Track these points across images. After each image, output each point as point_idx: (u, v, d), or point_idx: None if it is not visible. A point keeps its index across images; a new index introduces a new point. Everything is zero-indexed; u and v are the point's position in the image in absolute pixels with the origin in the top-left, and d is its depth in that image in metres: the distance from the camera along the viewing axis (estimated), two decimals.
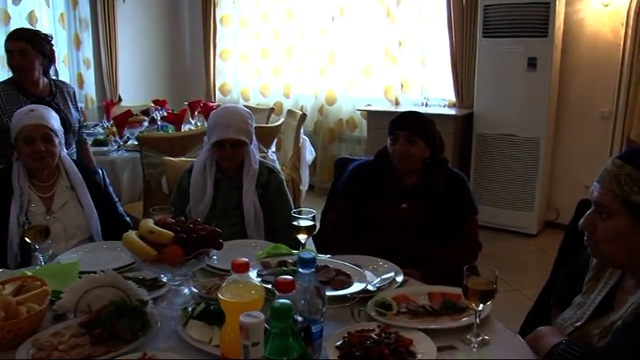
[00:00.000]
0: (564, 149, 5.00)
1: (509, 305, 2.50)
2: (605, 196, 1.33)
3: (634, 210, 1.29)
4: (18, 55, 3.05)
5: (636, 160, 1.31)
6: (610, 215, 1.33)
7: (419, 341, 1.44)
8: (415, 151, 2.31)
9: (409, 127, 2.31)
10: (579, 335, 1.43)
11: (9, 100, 3.04)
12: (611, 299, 1.46)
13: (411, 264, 2.07)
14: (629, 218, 1.30)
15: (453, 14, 5.10)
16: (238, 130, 2.38)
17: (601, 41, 4.66)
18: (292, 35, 6.20)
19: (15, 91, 3.08)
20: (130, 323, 1.48)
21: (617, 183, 1.30)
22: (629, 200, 1.29)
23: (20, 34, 3.16)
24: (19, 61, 3.06)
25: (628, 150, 1.41)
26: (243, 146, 2.43)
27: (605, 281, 1.50)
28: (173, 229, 1.65)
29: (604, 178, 1.35)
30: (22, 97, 3.07)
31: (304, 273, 1.22)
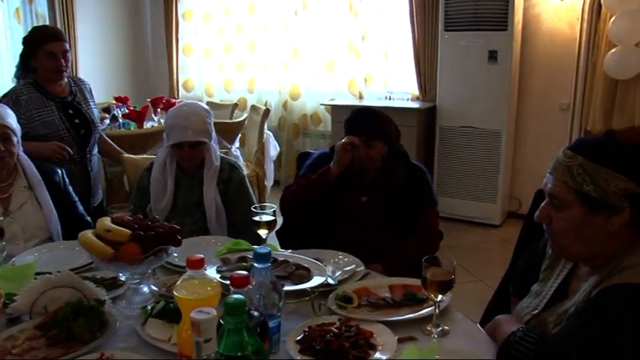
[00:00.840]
0: (525, 141, 5.09)
1: (474, 295, 2.54)
2: (559, 187, 1.35)
3: (587, 200, 1.31)
4: (61, 57, 2.82)
5: (587, 151, 1.33)
6: (564, 206, 1.34)
7: (379, 333, 1.45)
8: (374, 153, 2.31)
9: (367, 133, 2.29)
10: (536, 323, 1.46)
11: (34, 104, 2.81)
12: (566, 287, 1.49)
13: (374, 257, 2.08)
14: (583, 208, 1.32)
15: (414, 8, 5.13)
16: (197, 132, 2.35)
17: (558, 35, 4.76)
18: (255, 30, 6.15)
19: (38, 93, 2.84)
20: (87, 323, 1.45)
21: (570, 174, 1.32)
22: (581, 191, 1.31)
23: (59, 34, 2.92)
24: (61, 63, 2.82)
25: (578, 141, 1.42)
26: (203, 146, 2.40)
27: (561, 269, 1.53)
28: (130, 226, 1.63)
29: (556, 170, 1.36)
30: (45, 99, 2.85)
31: (260, 267, 1.21)
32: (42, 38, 2.82)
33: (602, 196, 1.29)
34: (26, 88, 2.84)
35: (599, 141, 1.43)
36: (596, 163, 1.30)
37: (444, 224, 2.48)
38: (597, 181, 1.29)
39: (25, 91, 2.82)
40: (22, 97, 2.80)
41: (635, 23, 4.09)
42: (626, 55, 4.18)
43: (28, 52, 2.85)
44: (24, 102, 2.79)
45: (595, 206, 1.30)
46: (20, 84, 2.90)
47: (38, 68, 2.85)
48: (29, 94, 2.82)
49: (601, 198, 1.29)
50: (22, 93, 2.82)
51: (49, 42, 2.79)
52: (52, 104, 2.85)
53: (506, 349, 1.34)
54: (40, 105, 2.83)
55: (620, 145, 1.36)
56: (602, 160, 1.30)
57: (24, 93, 2.82)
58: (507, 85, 4.66)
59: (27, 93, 2.82)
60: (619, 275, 1.27)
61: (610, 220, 1.30)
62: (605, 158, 1.30)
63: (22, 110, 2.74)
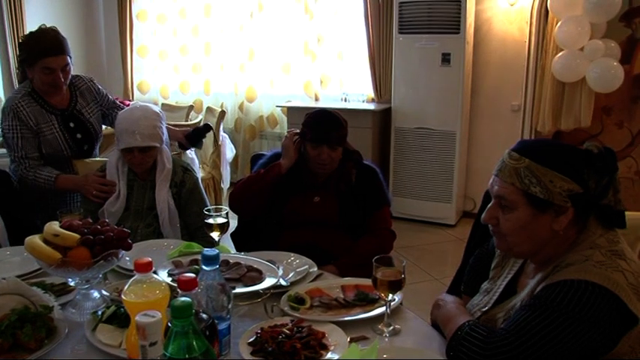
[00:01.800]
0: (479, 141, 5.19)
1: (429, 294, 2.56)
2: (506, 189, 1.38)
3: (534, 201, 1.35)
4: (60, 72, 2.55)
5: (532, 153, 1.37)
6: (512, 207, 1.38)
7: (331, 333, 1.46)
8: (336, 156, 2.33)
9: (332, 141, 2.31)
10: (486, 319, 1.49)
11: (36, 117, 2.58)
12: (514, 284, 1.53)
13: (327, 258, 2.10)
14: (530, 209, 1.36)
15: (369, 10, 5.17)
16: (145, 136, 2.32)
17: (509, 38, 4.88)
18: (211, 31, 6.11)
19: (38, 106, 2.60)
20: (33, 331, 1.42)
21: (517, 176, 1.36)
22: (528, 192, 1.35)
23: (59, 47, 2.55)
24: (59, 77, 2.55)
25: (521, 143, 1.46)
26: (153, 150, 2.38)
27: (510, 267, 1.57)
28: (80, 231, 1.61)
29: (503, 172, 1.40)
30: (45, 112, 2.61)
31: (207, 270, 1.21)
32: (40, 52, 2.51)
33: (548, 197, 1.33)
34: (25, 100, 2.58)
35: (544, 143, 1.48)
36: (542, 165, 1.34)
37: (399, 224, 2.52)
38: (543, 182, 1.33)
39: (24, 104, 2.58)
40: (22, 111, 2.57)
41: (579, 28, 4.22)
42: (572, 58, 4.31)
43: (25, 60, 2.59)
44: (25, 116, 2.57)
45: (542, 207, 1.35)
46: (19, 95, 2.61)
47: (34, 79, 2.60)
48: (29, 106, 2.59)
49: (547, 199, 1.33)
50: (22, 106, 2.57)
51: (47, 57, 2.50)
52: (52, 118, 2.63)
53: (454, 343, 1.37)
54: (42, 119, 2.61)
55: (563, 148, 1.41)
56: (548, 162, 1.34)
57: (24, 106, 2.57)
58: (460, 87, 4.75)
59: (26, 106, 2.58)
60: (562, 272, 1.31)
61: (556, 219, 1.35)
62: (551, 160, 1.35)
63: (28, 125, 2.57)
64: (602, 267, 1.28)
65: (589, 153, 1.37)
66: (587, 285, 1.25)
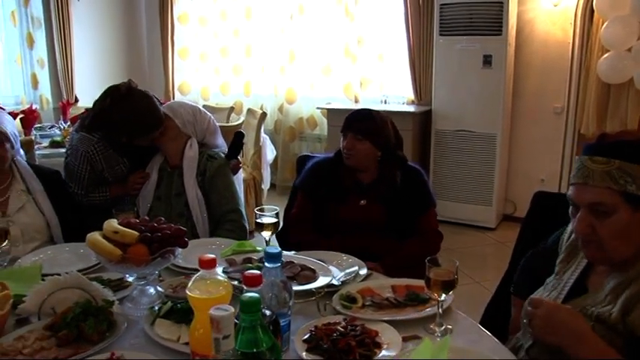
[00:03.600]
0: (520, 144, 5.14)
1: (470, 297, 2.57)
2: (603, 194, 1.36)
3: (632, 199, 1.34)
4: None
5: (620, 153, 1.36)
6: (611, 212, 1.36)
7: (384, 332, 1.47)
8: (361, 148, 2.35)
9: (354, 128, 2.37)
10: None
11: (108, 162, 2.56)
12: (584, 281, 1.51)
13: (373, 260, 2.11)
14: (629, 208, 1.35)
15: (410, 12, 5.17)
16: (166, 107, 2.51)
17: (552, 39, 4.82)
18: (252, 33, 6.19)
19: (111, 150, 2.59)
20: (96, 324, 1.47)
21: (612, 178, 1.35)
22: (626, 192, 1.34)
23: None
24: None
25: (598, 146, 1.44)
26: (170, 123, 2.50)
27: (578, 262, 1.55)
28: (137, 228, 1.65)
29: (593, 178, 1.37)
30: (117, 156, 2.61)
31: (271, 267, 1.24)
32: (155, 124, 2.48)
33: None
34: (100, 147, 2.53)
35: (624, 142, 1.44)
36: (634, 162, 1.34)
37: (440, 227, 2.51)
38: (639, 179, 1.33)
39: (99, 150, 2.52)
40: (96, 156, 2.54)
41: (626, 28, 4.15)
42: (619, 59, 4.23)
43: (132, 133, 2.50)
44: (96, 162, 2.55)
45: (638, 203, 1.34)
46: (92, 142, 2.54)
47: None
48: (103, 153, 2.54)
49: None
50: (97, 153, 2.53)
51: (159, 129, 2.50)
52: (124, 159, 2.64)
53: None
54: (114, 162, 2.61)
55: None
56: (639, 158, 1.35)
57: (98, 153, 2.54)
58: (502, 88, 4.71)
59: (101, 152, 2.53)
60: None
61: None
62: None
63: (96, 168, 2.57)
64: None
65: None
66: None
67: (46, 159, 3.88)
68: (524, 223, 2.14)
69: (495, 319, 1.90)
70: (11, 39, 5.61)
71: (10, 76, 5.68)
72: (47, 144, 4.26)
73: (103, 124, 2.49)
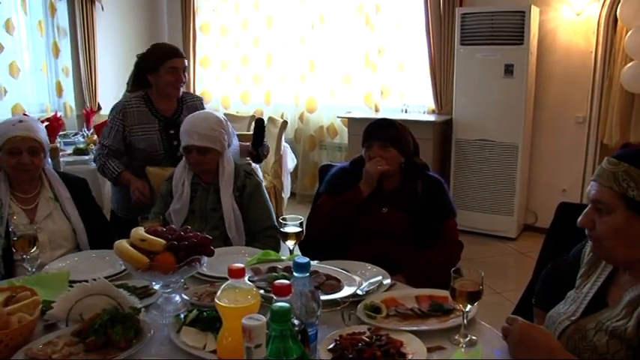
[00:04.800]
0: (541, 154, 5.10)
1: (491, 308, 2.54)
2: (604, 193, 1.41)
3: (631, 204, 1.37)
4: (182, 72, 2.98)
5: (631, 158, 1.40)
6: (609, 211, 1.40)
7: (409, 342, 1.47)
8: (389, 156, 2.37)
9: (380, 137, 2.39)
10: (575, 329, 1.48)
11: (140, 118, 2.94)
12: (604, 294, 1.51)
13: (395, 268, 2.11)
14: (627, 212, 1.38)
15: (430, 22, 5.18)
16: (202, 137, 2.42)
17: (574, 49, 4.79)
18: (272, 43, 6.24)
19: (146, 108, 2.97)
20: (123, 331, 1.49)
21: (615, 180, 1.39)
22: (626, 195, 1.37)
23: (181, 51, 3.06)
24: (181, 78, 2.98)
25: (622, 150, 1.50)
26: (211, 152, 2.47)
27: (597, 276, 1.55)
28: (164, 236, 1.67)
29: (601, 177, 1.42)
30: (151, 115, 2.96)
31: (299, 277, 1.25)
32: (166, 55, 2.95)
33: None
34: (136, 101, 2.97)
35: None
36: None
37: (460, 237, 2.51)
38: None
39: (134, 104, 2.95)
40: (130, 108, 2.94)
41: None
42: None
43: (149, 67, 2.97)
44: (130, 114, 2.93)
45: (639, 209, 1.36)
46: (131, 96, 3.02)
47: (156, 83, 2.96)
48: (138, 107, 2.95)
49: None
50: (132, 105, 2.95)
51: (172, 58, 2.94)
52: (155, 122, 2.95)
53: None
54: (145, 120, 2.94)
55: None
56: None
57: (133, 105, 2.95)
58: (523, 98, 4.69)
59: (136, 106, 2.95)
60: None
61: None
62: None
63: (127, 122, 2.91)
64: None
65: None
66: None
67: (70, 166, 3.95)
68: (548, 234, 2.13)
69: None
70: (38, 48, 5.71)
71: (35, 84, 5.78)
72: (71, 151, 4.33)
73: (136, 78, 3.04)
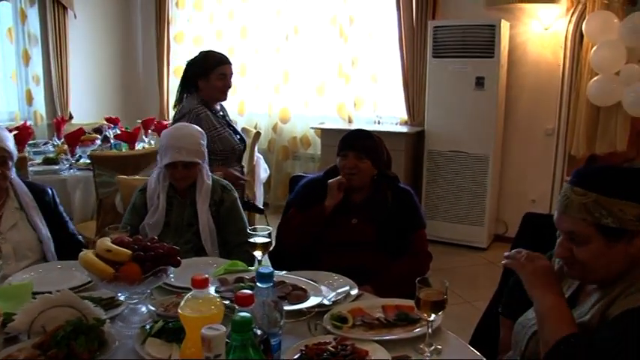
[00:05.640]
0: (511, 165, 5.18)
1: (461, 317, 2.58)
2: (577, 224, 1.41)
3: (607, 232, 1.38)
4: (230, 77, 3.16)
5: (597, 186, 1.40)
6: (586, 241, 1.41)
7: (374, 352, 1.48)
8: (363, 167, 2.39)
9: (356, 147, 2.41)
10: None
11: (208, 121, 3.06)
12: (574, 300, 1.55)
13: (364, 279, 2.12)
14: (603, 239, 1.39)
15: (404, 34, 5.24)
16: (191, 152, 2.41)
17: (543, 62, 4.89)
18: (246, 53, 6.24)
19: (209, 111, 3.10)
20: (87, 343, 1.47)
21: (587, 211, 1.39)
22: (600, 224, 1.38)
23: (228, 58, 3.25)
24: (230, 83, 3.18)
25: (581, 175, 1.47)
26: (196, 166, 2.46)
27: (570, 284, 1.59)
28: (130, 247, 1.66)
29: (571, 209, 1.42)
30: (214, 117, 3.11)
31: (263, 287, 1.25)
32: (216, 62, 3.14)
33: (620, 225, 1.36)
34: (201, 107, 3.07)
35: (606, 173, 1.47)
36: (610, 196, 1.37)
37: (431, 247, 2.53)
38: (614, 213, 1.36)
39: (201, 110, 3.05)
40: (201, 114, 3.04)
41: (614, 53, 4.22)
42: (607, 83, 4.30)
43: (200, 73, 3.12)
44: (203, 119, 3.02)
45: (615, 235, 1.38)
46: (194, 103, 3.10)
47: (205, 88, 3.11)
48: (205, 112, 3.06)
49: (619, 227, 1.37)
50: (199, 111, 3.04)
51: (222, 65, 3.14)
52: (221, 122, 3.13)
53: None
54: (216, 123, 3.08)
55: (626, 174, 1.43)
56: (615, 192, 1.38)
57: (200, 111, 3.04)
58: (494, 110, 4.76)
59: (202, 111, 3.06)
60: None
61: (631, 243, 1.38)
62: (617, 190, 1.38)
63: (202, 128, 2.81)
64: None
65: None
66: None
67: (39, 176, 3.88)
68: (514, 244, 2.16)
69: (485, 339, 1.91)
70: (7, 55, 5.65)
71: (5, 92, 5.71)
72: (40, 160, 4.26)
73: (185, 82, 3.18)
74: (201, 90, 3.13)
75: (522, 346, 1.57)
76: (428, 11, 5.11)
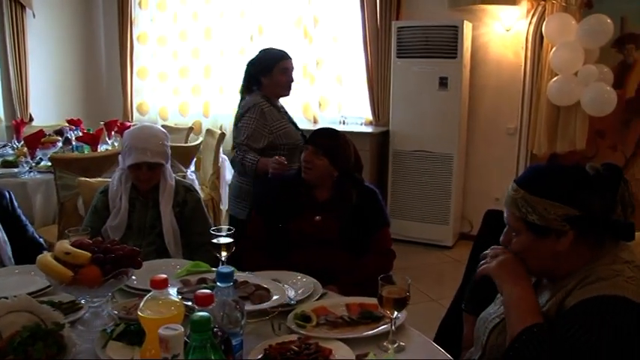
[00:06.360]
0: (475, 164, 5.26)
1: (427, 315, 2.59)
2: (510, 217, 1.50)
3: (533, 228, 1.44)
4: (291, 72, 3.15)
5: (527, 185, 1.46)
6: (517, 233, 1.49)
7: (338, 350, 1.49)
8: (318, 164, 2.40)
9: (316, 143, 2.44)
10: (504, 325, 1.53)
11: (272, 115, 3.05)
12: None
13: (329, 277, 2.12)
14: (531, 235, 1.45)
15: (368, 35, 5.27)
16: (155, 153, 2.38)
17: (505, 63, 4.98)
18: (211, 54, 6.19)
19: (272, 107, 3.09)
20: (45, 348, 1.43)
21: (516, 206, 1.46)
22: (527, 220, 1.44)
23: (288, 54, 3.20)
24: (292, 78, 3.15)
25: (523, 174, 1.56)
26: (160, 168, 2.43)
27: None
28: (90, 249, 1.63)
29: (507, 202, 1.50)
30: (277, 111, 3.11)
31: (223, 287, 1.25)
32: (278, 56, 3.13)
33: (545, 223, 1.41)
34: (264, 101, 3.06)
35: (540, 172, 1.54)
36: (536, 195, 1.43)
37: (397, 246, 2.55)
38: (538, 211, 1.42)
39: (264, 103, 3.04)
40: (265, 108, 3.02)
41: (573, 54, 4.32)
42: (567, 83, 4.40)
43: (262, 69, 3.10)
44: (267, 112, 3.02)
45: (541, 232, 1.43)
46: (258, 98, 3.09)
47: (269, 84, 3.10)
48: (268, 106, 3.05)
49: (545, 225, 1.42)
50: (263, 105, 3.03)
51: (284, 59, 3.12)
52: (283, 116, 3.13)
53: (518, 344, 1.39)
54: (278, 117, 3.08)
55: (558, 175, 1.48)
56: (540, 192, 1.43)
57: (264, 105, 3.03)
58: (457, 110, 4.82)
59: (266, 105, 3.04)
60: (594, 286, 1.37)
61: (558, 241, 1.42)
62: (543, 190, 1.43)
63: (267, 121, 3.00)
64: (633, 281, 1.35)
65: (585, 175, 1.43)
66: (623, 300, 1.31)
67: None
68: (476, 241, 2.19)
69: (449, 336, 1.94)
70: None
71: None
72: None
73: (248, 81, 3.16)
74: (264, 87, 3.12)
75: (483, 341, 1.59)
76: (392, 12, 5.15)
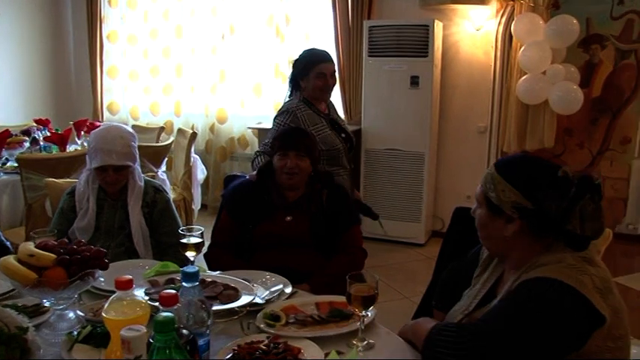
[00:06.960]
0: (447, 162, 5.31)
1: (400, 312, 2.63)
2: (478, 189, 1.56)
3: (489, 204, 1.51)
4: (330, 77, 3.06)
5: (499, 166, 1.53)
6: (479, 205, 1.56)
7: (307, 349, 1.49)
8: (304, 166, 2.40)
9: (298, 147, 2.40)
10: (467, 321, 1.56)
11: (310, 119, 3.00)
12: (494, 290, 1.61)
13: (300, 277, 2.12)
14: (487, 210, 1.53)
15: (340, 34, 5.28)
16: (121, 155, 2.34)
17: (475, 62, 5.03)
18: (182, 53, 6.14)
19: (310, 111, 3.03)
20: (7, 352, 1.41)
21: (484, 180, 1.54)
22: (487, 195, 1.51)
23: (328, 56, 3.12)
24: (328, 82, 3.06)
25: (507, 156, 1.66)
26: (127, 169, 2.40)
27: (490, 273, 1.66)
28: (56, 251, 1.61)
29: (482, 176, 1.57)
30: (317, 116, 3.04)
31: (188, 286, 1.24)
32: (315, 60, 3.04)
33: (499, 203, 1.48)
34: (301, 105, 3.02)
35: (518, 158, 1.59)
36: (500, 175, 1.49)
37: (370, 244, 2.56)
38: (497, 190, 1.48)
39: (301, 108, 3.01)
40: (300, 112, 2.99)
41: (541, 53, 4.39)
42: (535, 82, 4.47)
43: (300, 72, 3.06)
44: (301, 117, 2.97)
45: (494, 210, 1.50)
46: (295, 101, 3.07)
47: (307, 87, 3.05)
48: (305, 110, 3.01)
49: (498, 205, 1.48)
50: (299, 109, 3.00)
51: (320, 63, 3.02)
52: (323, 121, 3.05)
53: (429, 342, 1.41)
54: (317, 121, 3.02)
55: (531, 165, 1.51)
56: (505, 174, 1.49)
57: (300, 109, 3.00)
58: (429, 108, 4.86)
59: (302, 110, 3.00)
60: (536, 270, 1.41)
61: (506, 226, 1.49)
62: (508, 173, 1.49)
63: (302, 126, 2.90)
64: (572, 269, 1.38)
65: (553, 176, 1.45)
66: (558, 283, 1.34)
67: None
68: (446, 238, 2.22)
69: None
70: None
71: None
72: None
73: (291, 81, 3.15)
74: (303, 89, 3.08)
75: None
76: (363, 11, 5.17)
